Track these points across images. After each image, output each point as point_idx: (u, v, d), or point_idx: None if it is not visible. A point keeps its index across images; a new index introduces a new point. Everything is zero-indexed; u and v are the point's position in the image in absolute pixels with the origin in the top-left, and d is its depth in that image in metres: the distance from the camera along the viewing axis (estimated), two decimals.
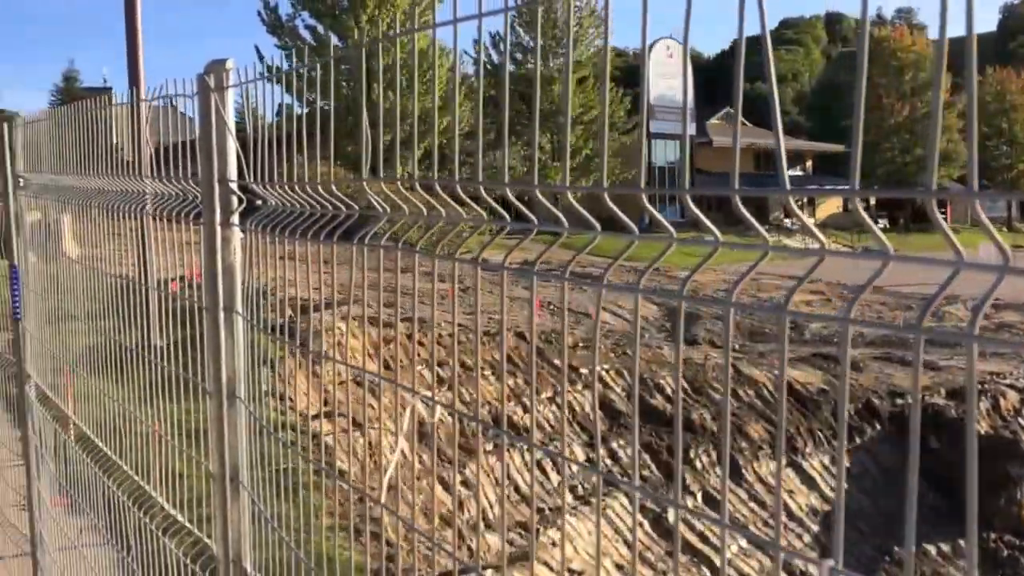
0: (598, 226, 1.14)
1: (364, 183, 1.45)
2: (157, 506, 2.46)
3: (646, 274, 1.06)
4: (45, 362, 3.81)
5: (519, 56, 37.76)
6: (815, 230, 0.90)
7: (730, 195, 0.97)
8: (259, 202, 1.67)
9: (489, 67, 31.92)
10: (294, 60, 1.68)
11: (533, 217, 1.23)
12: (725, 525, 0.98)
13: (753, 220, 0.92)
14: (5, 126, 3.59)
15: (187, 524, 2.11)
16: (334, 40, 29.74)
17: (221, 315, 1.77)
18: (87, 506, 3.05)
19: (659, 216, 1.12)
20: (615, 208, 1.13)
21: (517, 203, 1.35)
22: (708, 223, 1.02)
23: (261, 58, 21.03)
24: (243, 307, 1.77)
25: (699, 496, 11.84)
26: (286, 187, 1.54)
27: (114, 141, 3.71)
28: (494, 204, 1.38)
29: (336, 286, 1.59)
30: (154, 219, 2.75)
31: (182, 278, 3.05)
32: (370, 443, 8.77)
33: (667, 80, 37.77)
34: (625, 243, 1.10)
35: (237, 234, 1.75)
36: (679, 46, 38.90)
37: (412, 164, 1.72)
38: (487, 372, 12.29)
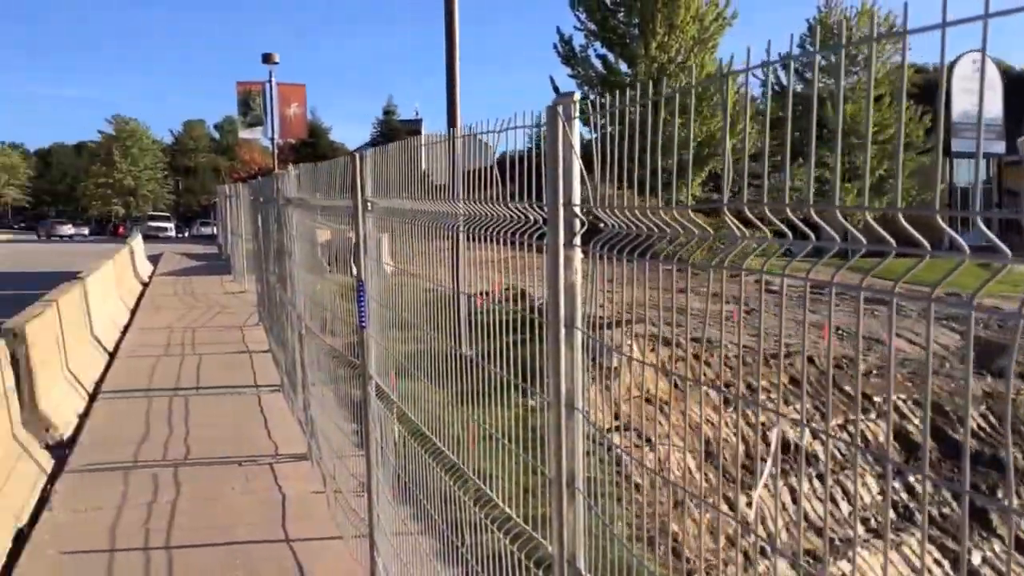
0: (893, 242, 1.12)
1: (679, 208, 1.49)
2: (489, 501, 2.66)
3: (937, 288, 1.02)
4: (382, 365, 4.29)
5: (808, 75, 35.98)
6: None
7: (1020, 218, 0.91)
8: (601, 225, 1.78)
9: (776, 88, 30.77)
10: (634, 92, 1.76)
11: (835, 235, 1.20)
12: None
13: None
14: (358, 157, 4.11)
15: (521, 523, 2.28)
16: (624, 68, 30.39)
17: (563, 331, 1.90)
18: (424, 497, 3.39)
19: (959, 239, 1.07)
20: (911, 229, 1.10)
21: (802, 225, 1.34)
22: (1000, 244, 0.96)
23: (556, 88, 22.08)
24: (582, 323, 1.89)
25: (1009, 541, 10.53)
26: (625, 212, 1.62)
27: (422, 168, 4.09)
28: (780, 226, 1.38)
29: (627, 304, 1.66)
30: (467, 238, 3.02)
31: (487, 293, 3.28)
32: (659, 459, 8.84)
33: (972, 96, 33.99)
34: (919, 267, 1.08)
35: (579, 255, 1.88)
36: (989, 60, 34.82)
37: (687, 187, 1.74)
38: (774, 395, 11.89)
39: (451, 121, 11.35)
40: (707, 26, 29.68)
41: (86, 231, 74.28)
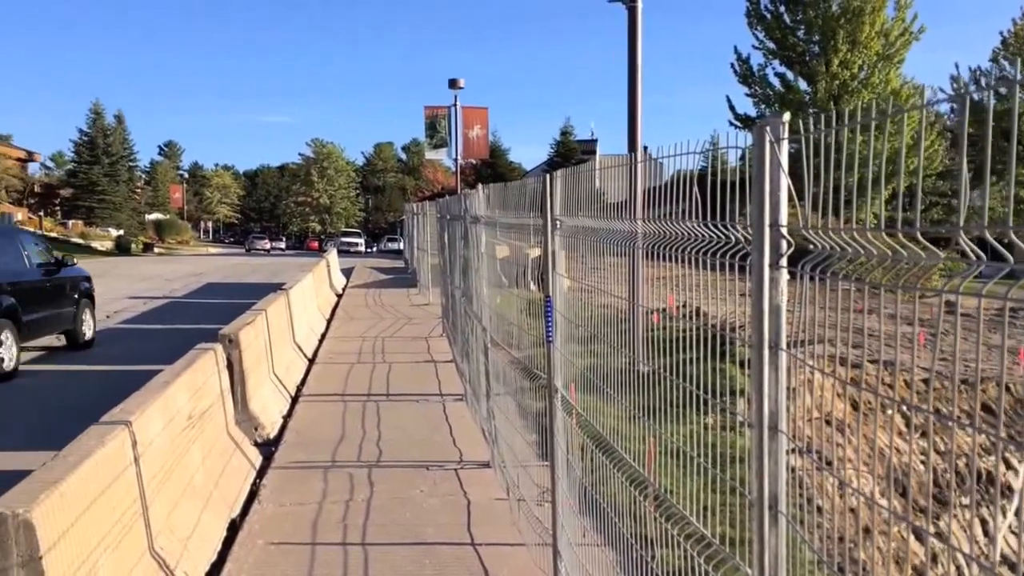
0: None
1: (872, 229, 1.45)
2: (678, 516, 2.67)
3: None
4: (567, 378, 4.38)
5: (1003, 90, 33.16)
6: None
7: None
8: (810, 246, 1.76)
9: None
10: (816, 118, 1.73)
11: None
12: None
13: None
14: (547, 177, 4.24)
15: (716, 542, 2.28)
16: (803, 85, 29.37)
17: (766, 352, 1.90)
18: (611, 510, 3.43)
19: None
20: None
21: (996, 244, 1.28)
22: None
23: (732, 107, 21.60)
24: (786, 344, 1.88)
25: None
26: (840, 233, 1.61)
27: (597, 186, 4.16)
28: (970, 246, 1.32)
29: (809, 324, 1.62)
30: (646, 256, 3.04)
31: (662, 310, 3.27)
32: (840, 483, 8.41)
33: None
34: None
35: (784, 276, 1.87)
36: None
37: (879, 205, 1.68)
38: (965, 422, 11.02)
39: (631, 145, 11.48)
40: (892, 41, 28.21)
41: (282, 245, 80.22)
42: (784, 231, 1.85)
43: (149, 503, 4.61)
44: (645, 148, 12.27)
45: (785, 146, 1.84)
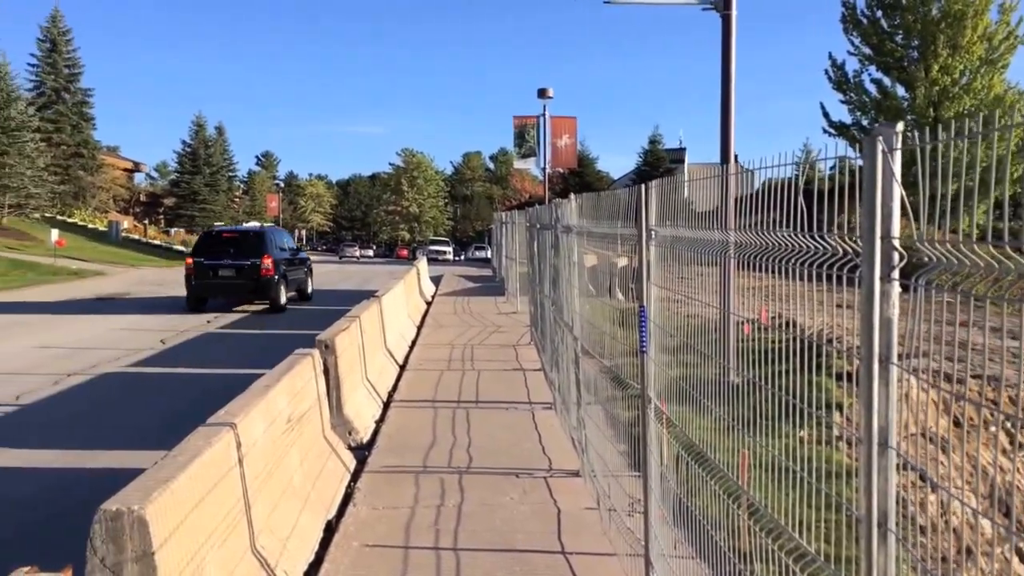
0: None
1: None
2: (776, 529, 2.62)
3: None
4: (661, 388, 4.35)
5: None
6: None
7: None
8: (926, 259, 1.71)
9: None
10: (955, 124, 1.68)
11: None
12: None
13: None
14: (643, 188, 4.22)
15: (820, 559, 2.23)
16: (900, 91, 28.42)
17: (876, 366, 1.85)
18: (707, 523, 3.39)
19: None
20: None
21: None
22: None
23: (826, 114, 21.04)
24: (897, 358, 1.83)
25: None
26: (960, 247, 1.56)
27: (685, 195, 4.12)
28: None
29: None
30: (738, 266, 3.00)
31: (753, 321, 3.22)
32: (941, 502, 8.06)
33: None
34: None
35: (896, 289, 1.82)
36: None
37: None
38: None
39: (724, 155, 11.35)
40: (996, 45, 27.01)
41: (370, 253, 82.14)
42: (896, 243, 1.80)
43: (251, 503, 4.78)
44: (736, 157, 12.10)
45: (899, 156, 1.79)
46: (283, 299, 21.50)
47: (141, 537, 3.49)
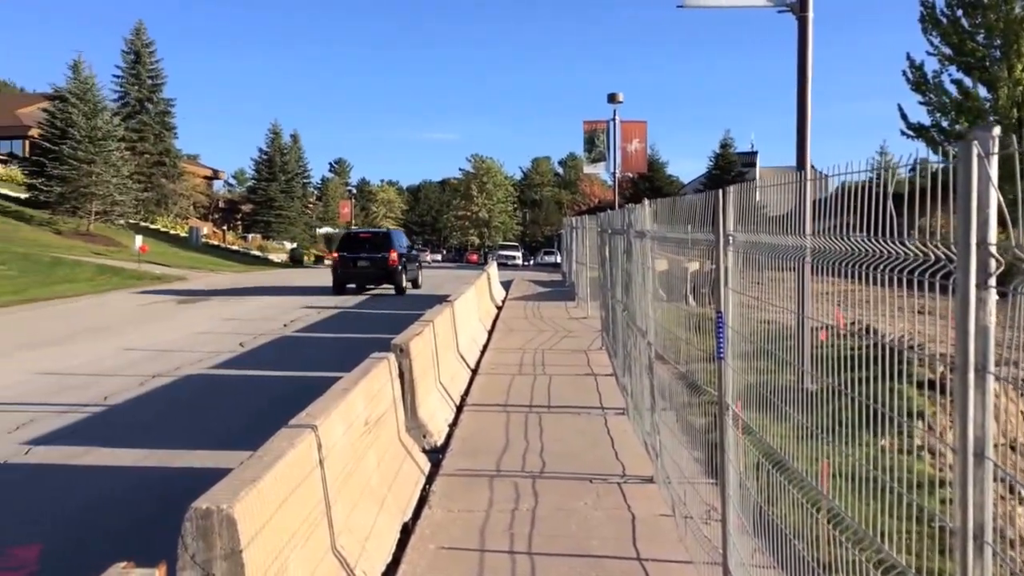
0: None
1: None
2: (863, 540, 2.57)
3: None
4: (738, 395, 4.30)
5: None
6: None
7: None
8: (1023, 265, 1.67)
9: None
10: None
11: None
12: None
13: None
14: (720, 192, 4.19)
15: (911, 571, 2.18)
16: (982, 92, 27.37)
17: (971, 375, 1.81)
18: (790, 532, 3.34)
19: None
20: None
21: None
22: None
23: (904, 116, 20.32)
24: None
25: None
26: None
27: (757, 199, 4.06)
28: None
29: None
30: (814, 272, 2.95)
31: (830, 326, 3.15)
32: None
33: None
34: None
35: (993, 296, 1.78)
36: None
37: None
38: None
39: (800, 159, 11.15)
40: None
41: (439, 257, 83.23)
42: (993, 250, 1.76)
43: (332, 503, 4.89)
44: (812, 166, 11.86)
45: (995, 161, 1.75)
46: (404, 283, 28.89)
47: (230, 535, 3.61)
